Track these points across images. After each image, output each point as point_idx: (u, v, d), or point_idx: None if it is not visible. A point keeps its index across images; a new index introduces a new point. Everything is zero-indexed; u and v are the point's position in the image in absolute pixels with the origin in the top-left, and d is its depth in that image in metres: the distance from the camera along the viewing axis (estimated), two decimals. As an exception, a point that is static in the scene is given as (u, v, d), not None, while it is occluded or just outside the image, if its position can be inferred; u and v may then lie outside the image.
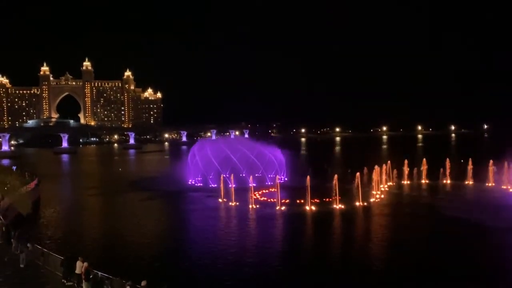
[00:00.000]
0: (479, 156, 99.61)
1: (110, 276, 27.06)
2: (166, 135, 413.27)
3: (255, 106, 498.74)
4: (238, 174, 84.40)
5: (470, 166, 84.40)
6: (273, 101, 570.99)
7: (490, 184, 79.30)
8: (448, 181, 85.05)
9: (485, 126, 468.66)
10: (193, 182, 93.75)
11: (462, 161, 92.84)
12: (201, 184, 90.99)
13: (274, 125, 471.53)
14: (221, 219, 59.93)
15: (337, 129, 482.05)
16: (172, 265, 39.92)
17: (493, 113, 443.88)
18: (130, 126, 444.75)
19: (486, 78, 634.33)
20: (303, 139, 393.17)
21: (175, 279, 34.76)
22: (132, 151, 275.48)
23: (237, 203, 66.24)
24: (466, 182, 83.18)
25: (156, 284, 26.61)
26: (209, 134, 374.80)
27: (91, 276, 27.14)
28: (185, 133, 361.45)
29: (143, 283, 24.96)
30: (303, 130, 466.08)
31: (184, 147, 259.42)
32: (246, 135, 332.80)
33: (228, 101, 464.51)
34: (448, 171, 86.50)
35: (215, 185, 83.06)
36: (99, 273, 27.51)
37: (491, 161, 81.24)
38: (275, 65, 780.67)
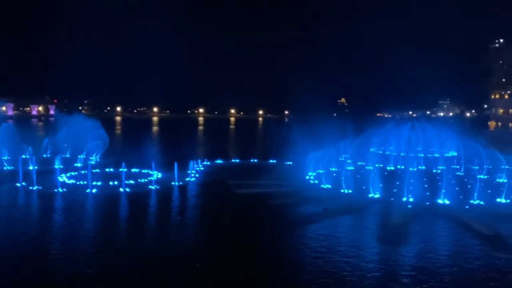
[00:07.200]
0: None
1: None
2: None
3: (65, 78, 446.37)
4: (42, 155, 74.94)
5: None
6: (87, 74, 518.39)
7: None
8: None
9: (286, 112, 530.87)
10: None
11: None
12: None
13: (86, 102, 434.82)
14: (20, 206, 52.14)
15: (155, 109, 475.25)
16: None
17: (292, 100, 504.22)
18: None
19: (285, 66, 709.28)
20: (118, 118, 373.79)
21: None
22: None
23: (40, 187, 58.53)
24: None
25: None
26: (4, 108, 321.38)
27: None
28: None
29: None
30: (118, 109, 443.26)
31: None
32: (52, 112, 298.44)
33: (36, 71, 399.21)
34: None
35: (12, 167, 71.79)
36: None
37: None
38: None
